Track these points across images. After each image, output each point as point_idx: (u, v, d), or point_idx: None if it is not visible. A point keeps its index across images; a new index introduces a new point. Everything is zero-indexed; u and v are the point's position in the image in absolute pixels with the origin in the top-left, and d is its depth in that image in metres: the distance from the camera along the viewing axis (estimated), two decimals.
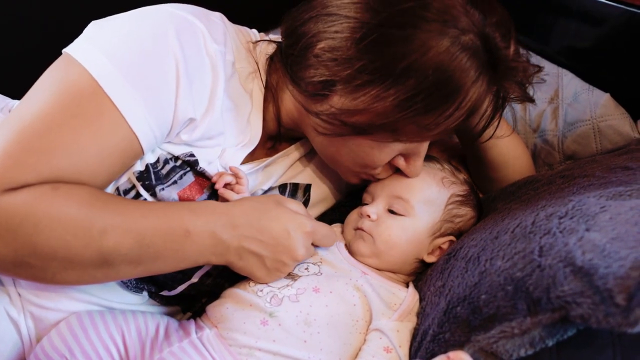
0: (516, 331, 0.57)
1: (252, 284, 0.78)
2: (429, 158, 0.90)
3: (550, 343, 0.58)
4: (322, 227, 0.81)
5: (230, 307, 0.76)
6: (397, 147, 0.77)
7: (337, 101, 0.73)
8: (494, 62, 0.72)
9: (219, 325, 0.75)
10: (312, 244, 0.80)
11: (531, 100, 0.83)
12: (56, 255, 0.63)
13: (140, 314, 0.78)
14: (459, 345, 0.62)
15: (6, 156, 0.62)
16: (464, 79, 0.70)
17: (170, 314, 0.87)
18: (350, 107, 0.72)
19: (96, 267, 0.65)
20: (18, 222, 0.61)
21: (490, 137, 0.89)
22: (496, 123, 0.83)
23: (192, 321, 0.79)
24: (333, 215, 0.99)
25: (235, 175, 0.79)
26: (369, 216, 0.84)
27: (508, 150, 0.96)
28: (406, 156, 0.82)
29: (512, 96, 0.80)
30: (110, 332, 0.74)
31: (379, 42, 0.68)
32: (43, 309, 0.75)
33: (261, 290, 0.76)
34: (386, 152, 0.78)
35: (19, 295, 0.75)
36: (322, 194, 0.96)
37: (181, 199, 0.75)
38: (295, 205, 0.80)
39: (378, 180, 0.87)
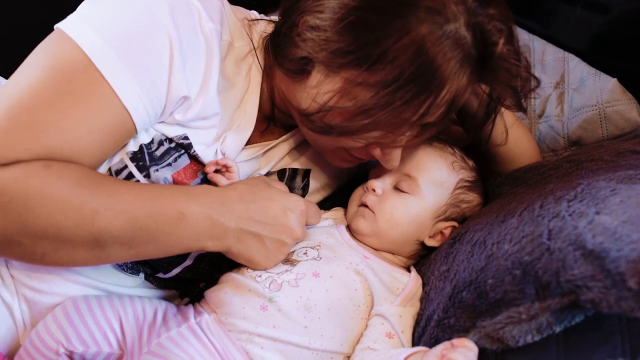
0: (523, 317, 0.56)
1: (249, 269, 0.77)
2: (442, 141, 0.89)
3: (557, 329, 0.57)
4: (312, 204, 0.82)
5: (229, 292, 0.75)
6: (371, 135, 0.74)
7: (314, 80, 0.72)
8: (482, 56, 0.69)
9: (218, 311, 0.74)
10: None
11: (523, 109, 0.78)
12: (46, 234, 0.62)
13: (137, 299, 0.77)
14: (465, 331, 0.61)
15: None
16: (443, 69, 0.66)
17: (168, 299, 0.86)
18: (328, 91, 0.70)
19: (87, 248, 0.64)
20: (7, 199, 0.60)
21: (490, 134, 0.87)
22: (492, 122, 0.82)
23: (190, 306, 0.78)
24: (334, 200, 0.98)
25: (225, 166, 0.79)
26: (374, 190, 0.83)
27: (516, 144, 0.93)
28: (383, 146, 0.78)
29: (504, 102, 0.78)
30: (107, 317, 0.73)
31: (356, 25, 0.66)
32: (37, 292, 0.74)
33: (259, 276, 0.75)
34: (360, 141, 0.75)
35: (12, 277, 0.74)
36: (321, 180, 0.95)
37: (175, 182, 0.74)
38: (282, 185, 0.81)
39: (360, 161, 0.85)
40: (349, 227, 0.86)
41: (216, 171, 0.79)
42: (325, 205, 0.97)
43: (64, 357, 0.71)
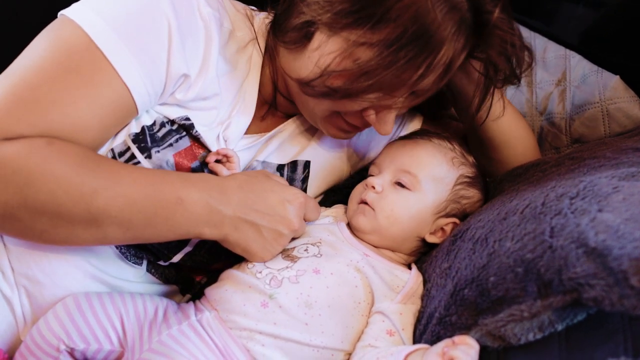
0: (525, 314, 0.56)
1: (250, 265, 0.77)
2: (441, 137, 0.89)
3: (559, 327, 0.57)
4: (311, 199, 0.82)
5: (229, 289, 0.75)
6: (370, 97, 0.76)
7: (317, 43, 0.74)
8: (477, 24, 0.72)
9: (218, 308, 0.74)
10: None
11: (518, 79, 0.83)
12: (45, 209, 0.63)
13: (138, 296, 0.77)
14: (466, 329, 0.61)
15: (0, 107, 0.63)
16: (442, 30, 0.69)
17: (169, 295, 0.86)
18: (331, 52, 0.73)
19: (85, 226, 0.65)
20: (10, 172, 0.62)
21: (487, 116, 0.89)
22: (491, 100, 0.85)
23: (191, 304, 0.78)
24: (335, 197, 0.98)
25: (225, 156, 0.80)
26: (373, 187, 0.83)
27: (510, 129, 0.95)
28: (378, 110, 0.80)
29: (498, 75, 0.81)
30: (108, 314, 0.73)
31: None
32: (37, 284, 0.74)
33: (260, 272, 0.75)
34: (358, 103, 0.77)
35: (13, 270, 0.74)
36: (321, 171, 0.96)
37: (176, 163, 0.76)
38: (282, 179, 0.82)
39: (356, 130, 0.86)
40: (349, 225, 0.86)
41: (217, 161, 0.80)
42: (326, 202, 0.97)
43: (64, 353, 0.71)
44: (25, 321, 0.74)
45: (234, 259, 0.79)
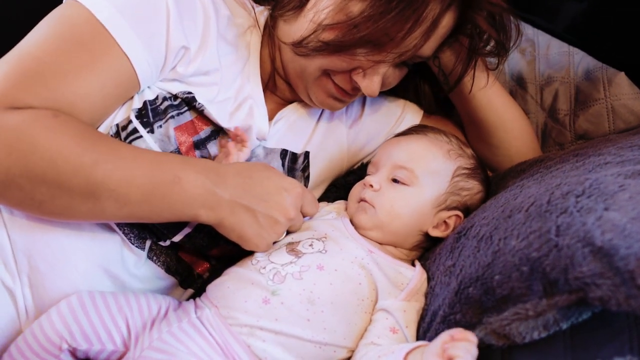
0: (530, 313, 0.55)
1: (254, 260, 0.77)
2: (436, 130, 0.90)
3: (564, 326, 0.56)
4: (309, 192, 0.83)
5: (230, 285, 0.75)
6: (360, 52, 0.80)
7: (313, 2, 0.79)
8: None
9: (219, 305, 0.73)
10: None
11: (504, 48, 0.88)
12: (46, 178, 0.65)
13: (142, 296, 0.77)
14: (471, 327, 0.60)
15: (7, 77, 0.66)
16: None
17: (169, 290, 0.85)
18: (325, 7, 0.77)
19: (83, 198, 0.66)
20: (15, 138, 0.64)
21: (472, 84, 0.93)
22: (475, 70, 0.90)
23: (191, 301, 0.78)
24: (338, 193, 0.98)
25: (241, 138, 0.82)
26: (371, 186, 0.83)
27: (505, 109, 0.98)
28: (366, 68, 0.82)
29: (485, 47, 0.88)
30: (112, 315, 0.72)
31: None
32: (39, 274, 0.74)
33: (264, 268, 0.75)
34: (348, 60, 0.81)
35: (15, 261, 0.74)
36: (321, 161, 0.97)
37: (177, 137, 0.78)
38: (281, 172, 0.83)
39: (344, 95, 0.88)
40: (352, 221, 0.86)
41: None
42: (328, 198, 0.97)
43: (66, 352, 0.70)
44: (28, 315, 0.74)
45: (232, 246, 0.79)
